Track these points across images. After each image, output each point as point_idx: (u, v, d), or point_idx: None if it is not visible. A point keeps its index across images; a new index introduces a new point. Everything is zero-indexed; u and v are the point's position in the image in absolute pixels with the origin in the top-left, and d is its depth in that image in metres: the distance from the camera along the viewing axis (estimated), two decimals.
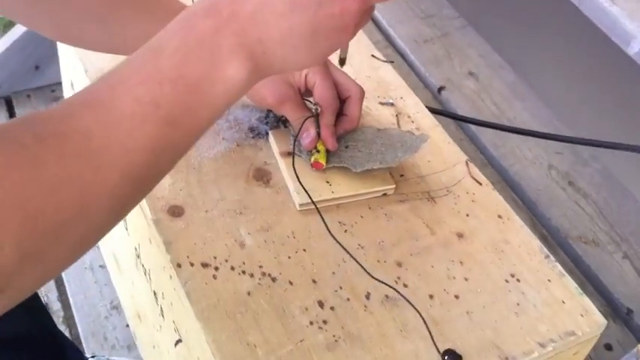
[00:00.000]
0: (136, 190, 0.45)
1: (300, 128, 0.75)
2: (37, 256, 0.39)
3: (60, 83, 1.73)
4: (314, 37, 0.49)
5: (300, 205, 0.74)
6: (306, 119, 0.75)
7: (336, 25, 0.49)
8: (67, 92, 1.08)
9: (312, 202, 0.73)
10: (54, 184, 0.39)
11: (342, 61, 0.70)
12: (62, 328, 1.18)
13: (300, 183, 0.73)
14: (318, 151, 0.76)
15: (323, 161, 0.76)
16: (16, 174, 0.38)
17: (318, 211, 0.73)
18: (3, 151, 0.38)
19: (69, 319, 1.22)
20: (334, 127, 0.76)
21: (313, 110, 0.75)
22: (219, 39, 0.46)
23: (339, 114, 0.78)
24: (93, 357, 1.10)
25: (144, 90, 0.43)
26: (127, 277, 0.98)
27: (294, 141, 0.76)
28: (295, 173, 0.74)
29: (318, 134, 0.76)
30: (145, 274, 0.82)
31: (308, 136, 0.75)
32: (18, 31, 1.59)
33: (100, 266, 1.24)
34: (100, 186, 0.41)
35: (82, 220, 0.41)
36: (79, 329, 1.17)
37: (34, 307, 0.86)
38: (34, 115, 0.42)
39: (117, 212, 0.44)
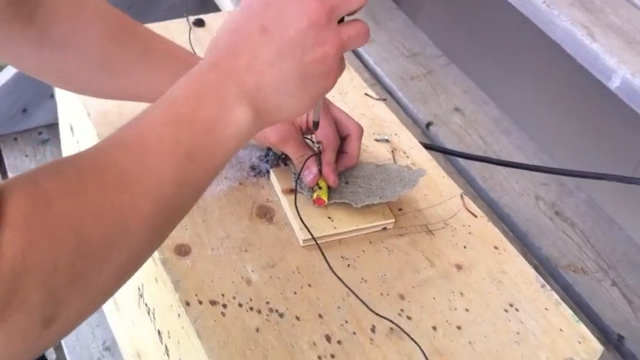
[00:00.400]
0: (167, 221, 0.49)
1: (303, 166, 0.77)
2: (86, 281, 0.41)
3: (47, 126, 1.75)
4: (304, 82, 0.54)
5: (304, 241, 0.76)
6: (308, 157, 0.77)
7: (321, 71, 0.55)
8: (65, 135, 1.09)
9: (314, 239, 0.75)
10: (98, 211, 0.42)
11: (316, 125, 0.73)
12: None
13: (301, 220, 0.75)
14: (320, 188, 0.78)
15: (325, 197, 0.78)
16: (65, 200, 0.41)
17: (320, 249, 0.75)
18: (50, 182, 0.41)
19: None
20: (335, 165, 0.79)
21: (315, 148, 0.77)
22: (223, 89, 0.52)
23: (339, 151, 0.80)
24: None
25: (166, 130, 0.48)
26: (127, 317, 0.98)
27: (297, 178, 0.78)
28: (297, 210, 0.76)
29: (320, 171, 0.78)
30: (149, 313, 0.83)
31: (310, 173, 0.77)
32: (5, 75, 1.61)
33: None
34: (138, 214, 0.45)
35: (124, 245, 0.44)
36: None
37: None
38: (68, 157, 0.46)
39: (152, 241, 0.48)
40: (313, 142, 0.79)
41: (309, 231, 0.75)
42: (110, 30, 0.75)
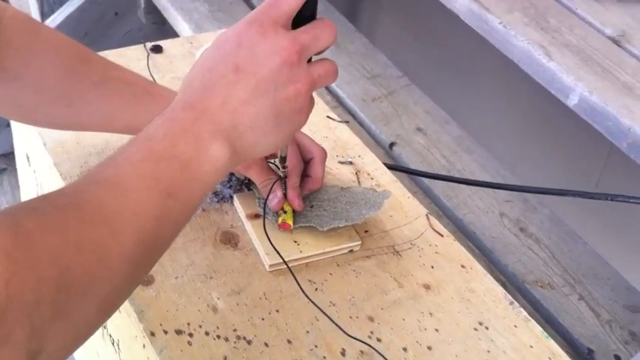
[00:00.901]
0: (148, 256, 0.48)
1: (270, 190, 0.76)
2: (70, 315, 0.41)
3: (4, 155, 1.71)
4: (277, 120, 0.55)
5: (271, 265, 0.75)
6: (274, 182, 0.76)
7: (293, 108, 0.56)
8: (22, 164, 1.07)
9: (284, 261, 0.74)
10: (79, 245, 0.42)
11: (283, 160, 0.75)
12: None
13: (271, 243, 0.74)
14: (285, 212, 0.77)
15: (290, 222, 0.77)
16: (46, 235, 0.40)
17: (290, 271, 0.74)
18: (29, 218, 0.41)
19: None
20: (300, 189, 0.78)
21: (281, 173, 0.76)
22: (199, 127, 0.53)
23: (303, 175, 0.79)
24: None
25: (144, 167, 0.49)
26: (91, 349, 0.95)
27: (264, 204, 0.77)
28: (266, 234, 0.75)
29: (285, 195, 0.77)
30: (113, 344, 0.80)
31: (275, 197, 0.76)
32: None
33: None
34: (118, 249, 0.45)
35: (105, 280, 0.44)
36: None
37: None
38: (46, 195, 0.45)
39: (133, 276, 0.48)
40: (277, 166, 0.79)
41: (279, 254, 0.74)
42: (65, 61, 0.74)
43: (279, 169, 0.77)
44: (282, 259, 0.74)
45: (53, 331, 0.40)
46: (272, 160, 0.81)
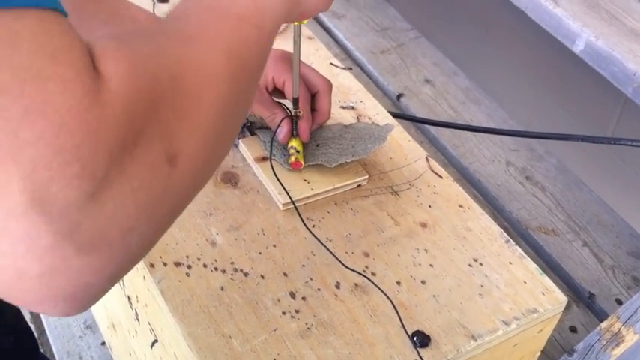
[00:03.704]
0: (244, 76, 0.46)
1: (278, 125, 0.79)
2: (191, 117, 0.40)
3: None
4: None
5: (284, 205, 0.77)
6: (282, 120, 0.78)
7: None
8: None
9: (292, 201, 0.76)
10: (175, 56, 0.41)
11: (296, 101, 0.77)
12: None
13: (279, 182, 0.77)
14: (297, 152, 0.79)
15: (302, 161, 0.79)
16: (142, 46, 0.39)
17: (297, 210, 0.76)
18: (114, 38, 0.39)
19: (44, 343, 1.21)
20: (311, 120, 0.80)
21: (293, 112, 0.79)
22: None
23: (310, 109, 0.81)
24: None
25: (208, 2, 0.47)
26: None
27: (270, 145, 0.79)
28: (274, 173, 0.77)
29: (290, 131, 0.79)
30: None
31: (282, 131, 0.79)
32: None
33: None
34: (214, 61, 0.43)
35: (212, 84, 0.42)
36: (54, 350, 1.16)
37: (17, 328, 0.86)
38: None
39: (236, 89, 0.45)
40: (284, 106, 0.80)
41: (286, 192, 0.76)
42: (74, 1, 0.75)
43: (286, 108, 0.79)
44: (290, 198, 0.76)
45: (181, 132, 0.38)
46: (281, 100, 0.83)
